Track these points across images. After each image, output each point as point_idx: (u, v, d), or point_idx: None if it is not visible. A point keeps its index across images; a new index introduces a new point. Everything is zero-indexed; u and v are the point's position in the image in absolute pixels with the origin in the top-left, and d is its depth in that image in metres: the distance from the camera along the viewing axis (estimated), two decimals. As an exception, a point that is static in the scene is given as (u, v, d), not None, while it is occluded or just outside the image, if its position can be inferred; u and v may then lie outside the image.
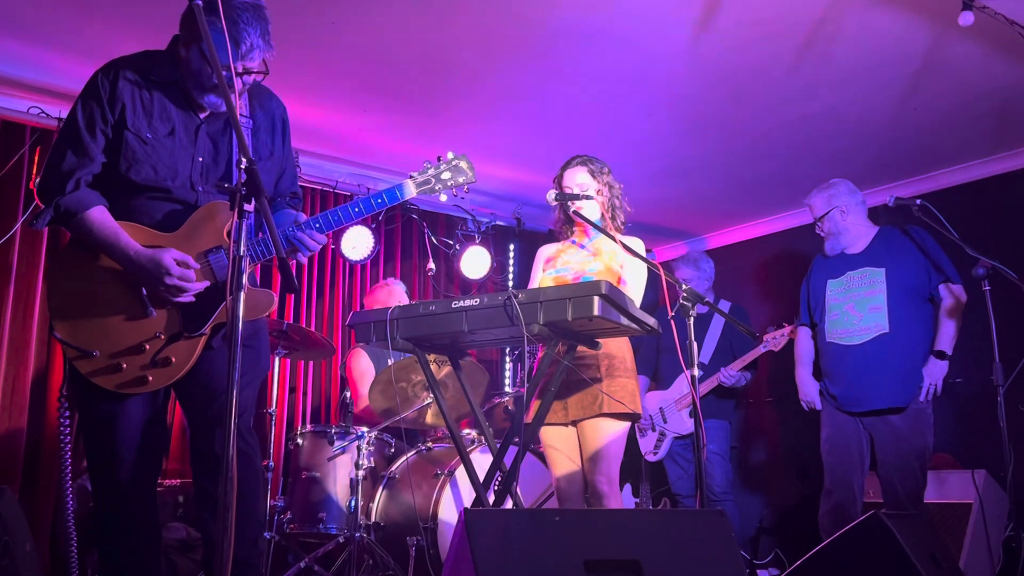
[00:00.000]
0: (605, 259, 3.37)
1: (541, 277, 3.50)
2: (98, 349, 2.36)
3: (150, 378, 2.38)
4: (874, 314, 3.96)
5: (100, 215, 2.38)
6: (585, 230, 3.48)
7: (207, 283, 2.41)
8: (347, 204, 2.53)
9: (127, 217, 2.41)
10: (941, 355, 3.91)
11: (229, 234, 2.41)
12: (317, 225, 2.48)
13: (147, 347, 2.38)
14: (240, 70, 2.35)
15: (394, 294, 5.04)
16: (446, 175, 2.68)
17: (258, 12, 2.37)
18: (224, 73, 2.26)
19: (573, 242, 3.51)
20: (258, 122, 2.58)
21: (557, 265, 3.46)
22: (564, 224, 3.53)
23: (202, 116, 2.50)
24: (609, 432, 3.24)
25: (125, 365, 2.37)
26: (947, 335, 3.93)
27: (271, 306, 2.47)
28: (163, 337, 2.39)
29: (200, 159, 2.47)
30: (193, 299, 2.40)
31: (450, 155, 2.71)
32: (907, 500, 3.83)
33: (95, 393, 2.39)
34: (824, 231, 4.22)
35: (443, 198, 2.72)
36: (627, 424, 3.30)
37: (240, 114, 2.47)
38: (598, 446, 3.23)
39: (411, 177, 2.66)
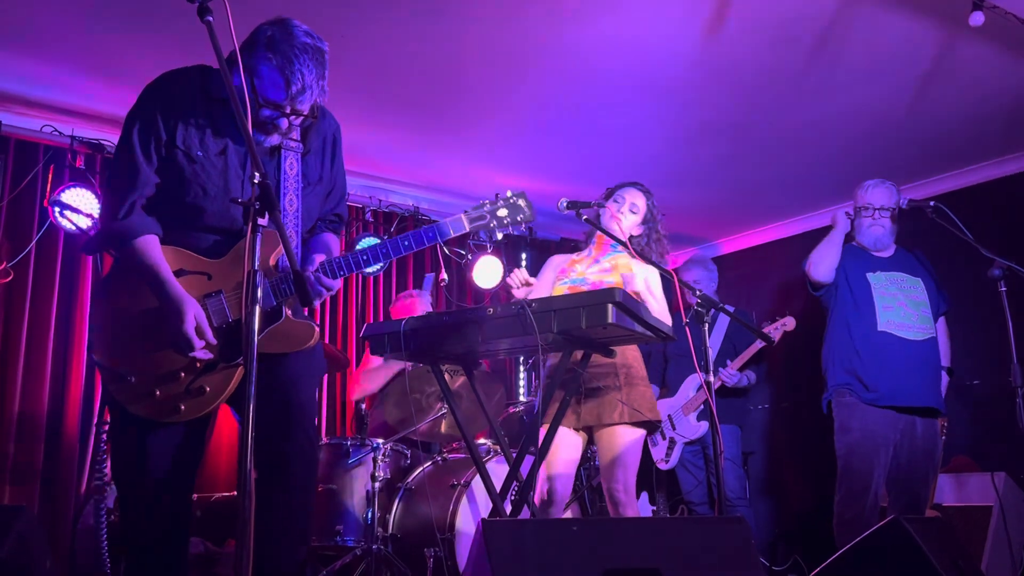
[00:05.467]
0: (622, 272, 3.36)
1: (555, 286, 3.47)
2: (133, 375, 2.29)
3: (182, 407, 2.30)
4: (925, 316, 3.96)
5: (144, 245, 2.29)
6: (603, 246, 3.47)
7: (211, 356, 2.31)
8: (396, 238, 2.41)
9: (176, 241, 2.35)
10: (950, 372, 4.07)
11: (276, 265, 2.35)
12: (364, 257, 2.39)
13: (182, 375, 2.30)
14: (289, 110, 2.29)
15: (417, 305, 5.02)
16: (502, 212, 2.52)
17: (318, 56, 2.28)
18: (266, 112, 2.27)
19: (589, 254, 3.50)
20: (309, 146, 2.51)
21: (572, 276, 3.44)
22: (587, 236, 3.56)
23: None
24: (627, 441, 3.24)
25: (159, 392, 2.29)
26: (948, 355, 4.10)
27: (311, 339, 2.38)
28: (199, 365, 2.32)
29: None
30: (196, 359, 2.30)
31: (509, 193, 2.56)
32: (925, 504, 3.86)
33: (128, 417, 2.32)
34: (882, 224, 4.00)
35: (499, 236, 2.57)
36: (644, 432, 3.30)
37: (292, 138, 2.43)
38: (616, 455, 3.23)
39: (465, 213, 2.51)
